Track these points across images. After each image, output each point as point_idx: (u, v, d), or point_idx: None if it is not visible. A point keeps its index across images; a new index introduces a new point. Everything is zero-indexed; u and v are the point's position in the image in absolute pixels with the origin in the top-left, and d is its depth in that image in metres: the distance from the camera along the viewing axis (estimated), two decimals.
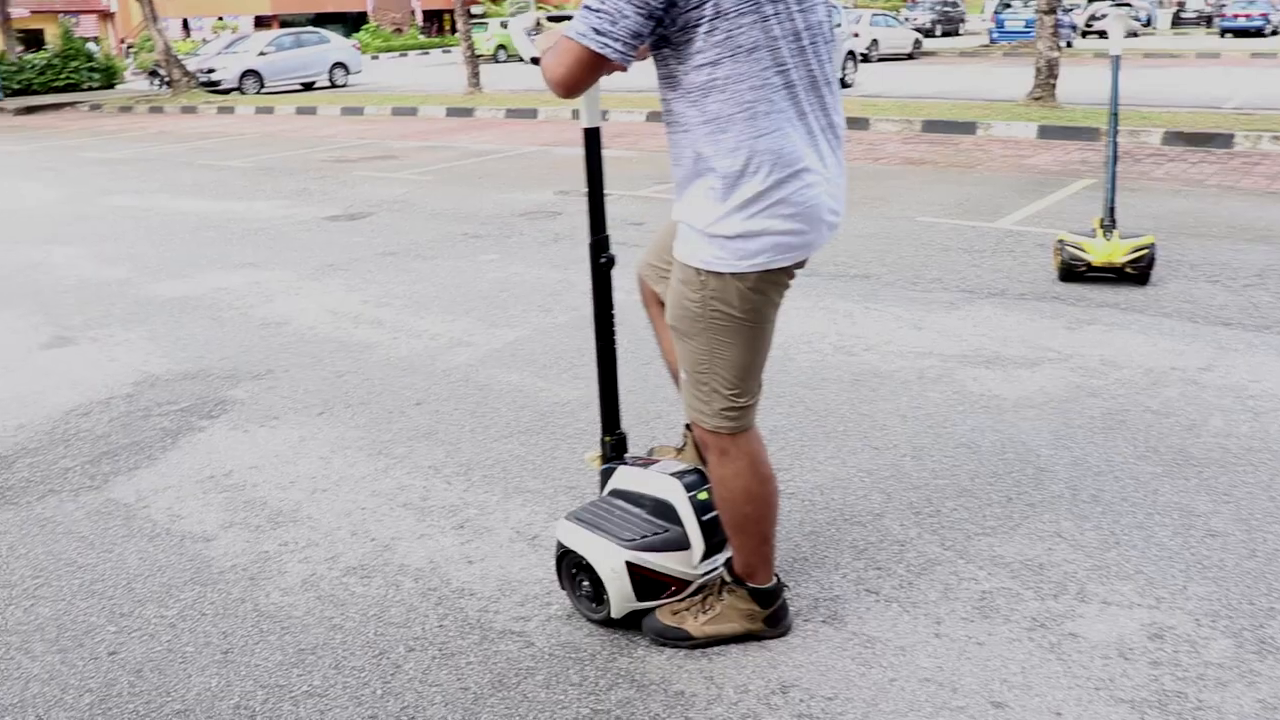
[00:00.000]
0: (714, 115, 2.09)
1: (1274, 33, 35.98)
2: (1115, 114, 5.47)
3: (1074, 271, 5.39)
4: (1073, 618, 2.47)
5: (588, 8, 2.01)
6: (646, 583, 2.43)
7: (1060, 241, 5.48)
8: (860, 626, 2.47)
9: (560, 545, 2.54)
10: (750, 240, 2.14)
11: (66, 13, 44.44)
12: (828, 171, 2.18)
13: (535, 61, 2.26)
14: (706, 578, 2.50)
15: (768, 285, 2.22)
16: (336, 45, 27.59)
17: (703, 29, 2.03)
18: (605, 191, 2.56)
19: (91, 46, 31.77)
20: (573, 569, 2.53)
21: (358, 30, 45.13)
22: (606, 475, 2.67)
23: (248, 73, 24.97)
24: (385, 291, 5.70)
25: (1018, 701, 2.18)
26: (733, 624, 2.44)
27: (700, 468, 2.57)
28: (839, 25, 19.26)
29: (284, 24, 44.10)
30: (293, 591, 2.70)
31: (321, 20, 45.43)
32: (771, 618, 2.45)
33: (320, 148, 13.12)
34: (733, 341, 2.26)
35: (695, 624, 2.44)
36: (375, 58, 41.44)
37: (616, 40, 1.99)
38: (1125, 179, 8.16)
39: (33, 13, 40.92)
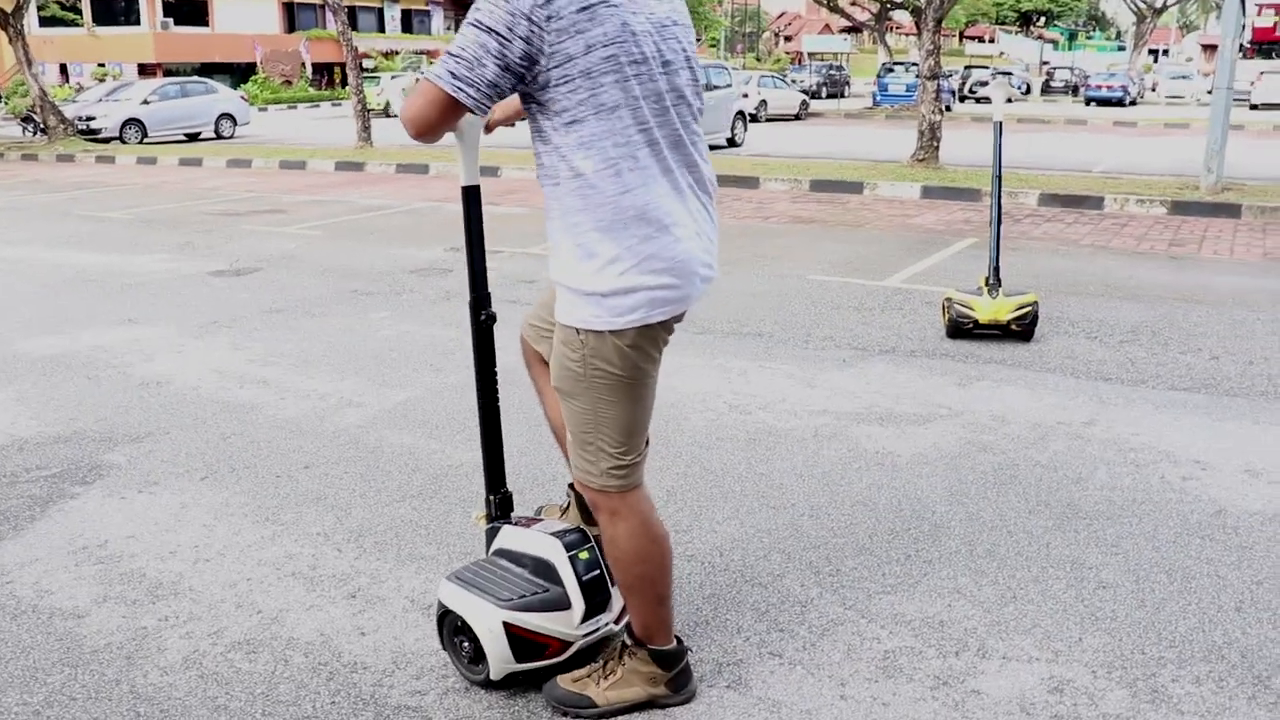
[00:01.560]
0: (580, 171, 2.14)
1: (1133, 103, 38.13)
2: (999, 177, 5.67)
3: (961, 329, 5.53)
4: (975, 674, 2.49)
5: (449, 53, 2.06)
6: (525, 643, 2.38)
7: (948, 299, 5.62)
8: (765, 691, 2.44)
9: (441, 605, 2.49)
10: (625, 297, 2.17)
11: None
12: (698, 226, 2.24)
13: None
14: (587, 639, 2.46)
15: (646, 341, 2.25)
16: (224, 96, 27.10)
17: (565, 88, 2.08)
18: (494, 249, 2.53)
19: None
20: (453, 630, 2.48)
21: (246, 81, 44.35)
22: (491, 535, 2.63)
23: (130, 121, 24.32)
24: (272, 350, 5.54)
25: None
26: (635, 688, 2.40)
27: (583, 527, 2.57)
28: (728, 85, 19.67)
29: (169, 73, 43.14)
30: (173, 670, 2.55)
31: (208, 70, 44.52)
32: (674, 681, 2.41)
33: (206, 200, 12.79)
34: (616, 400, 2.27)
35: (598, 690, 2.39)
36: (264, 109, 40.76)
37: (472, 87, 2.03)
38: (1006, 238, 8.45)
39: None
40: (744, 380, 4.86)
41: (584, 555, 2.46)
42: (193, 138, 25.40)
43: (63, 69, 46.72)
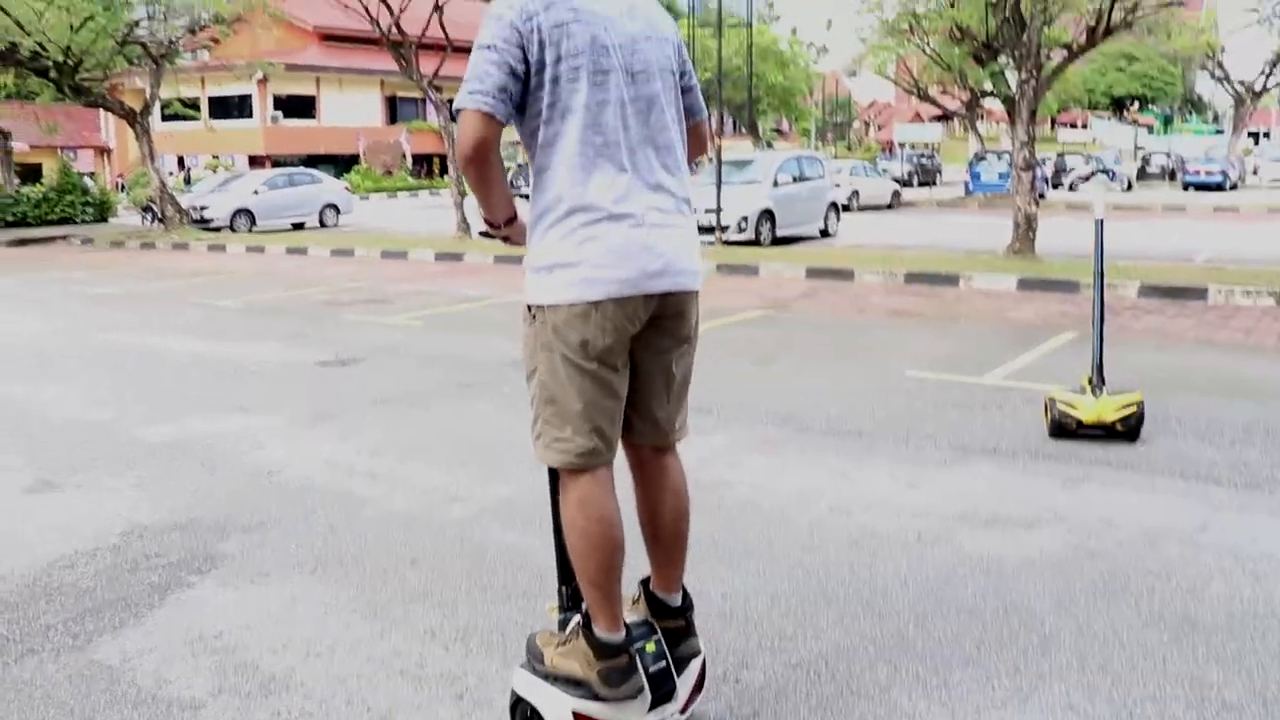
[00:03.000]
0: (542, 166, 2.49)
1: (1233, 187, 37.28)
2: (1101, 275, 5.62)
3: (1065, 429, 5.44)
4: None
5: (464, 81, 2.42)
6: None
7: (1050, 399, 5.54)
8: None
9: (514, 694, 2.61)
10: (566, 270, 2.44)
11: (66, 148, 45.32)
12: (652, 221, 2.48)
13: (483, 234, 2.83)
14: None
15: (587, 325, 2.45)
16: (328, 186, 28.16)
17: (538, 92, 2.44)
18: None
19: (87, 181, 32.26)
20: (524, 718, 2.58)
21: (349, 171, 46.04)
22: (563, 625, 2.71)
23: (240, 211, 25.40)
24: (379, 441, 5.68)
25: None
26: (574, 663, 2.55)
27: (651, 620, 2.67)
28: (821, 177, 19.81)
29: (277, 164, 44.97)
30: None
31: (314, 161, 46.29)
32: (608, 673, 2.48)
33: (312, 289, 13.24)
34: (561, 379, 2.51)
35: (551, 651, 2.62)
36: (365, 198, 42.22)
37: (486, 94, 2.38)
38: (1109, 330, 8.31)
39: (32, 147, 41.63)
40: (845, 480, 4.84)
41: (650, 648, 2.56)
42: (299, 227, 26.37)
43: (180, 161, 49.09)
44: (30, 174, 41.27)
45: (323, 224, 26.85)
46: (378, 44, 20.75)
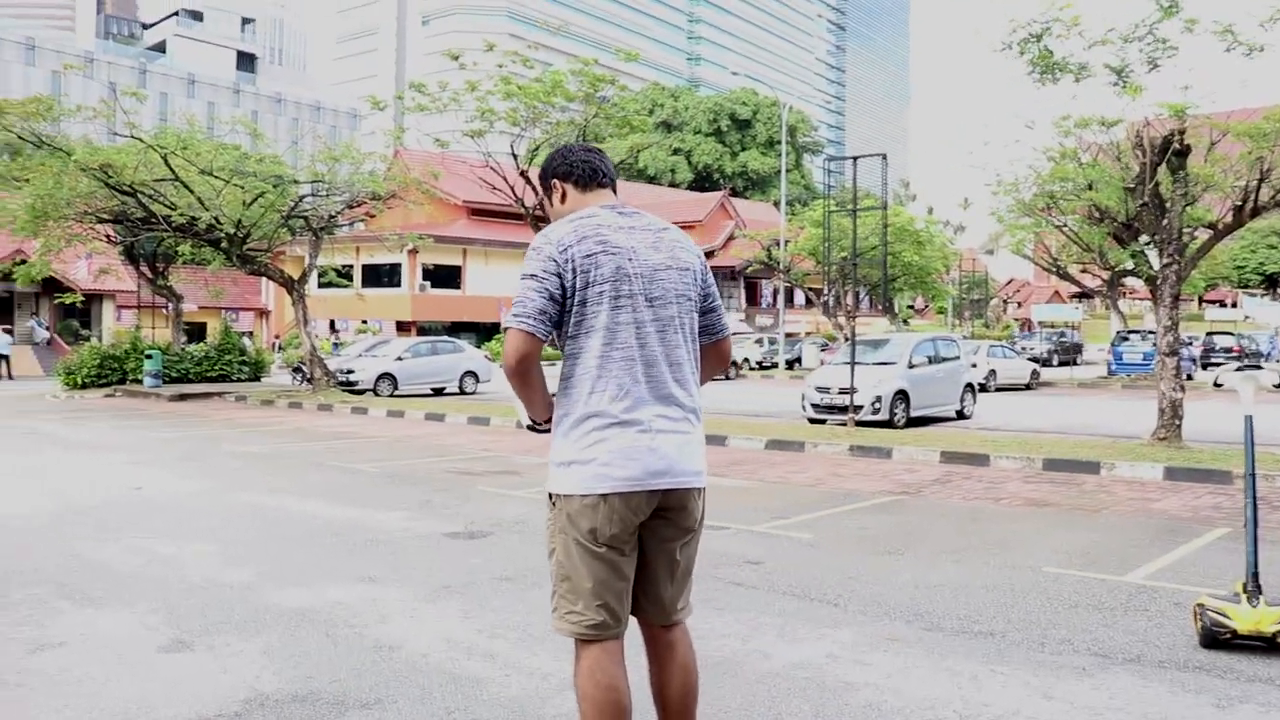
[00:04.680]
0: (566, 374, 2.94)
1: None
2: (1253, 475, 5.35)
3: (1218, 639, 5.09)
4: None
5: (512, 304, 2.90)
6: None
7: (1200, 605, 5.21)
8: None
9: None
10: (580, 467, 2.86)
11: (229, 309, 48.32)
12: (658, 428, 2.88)
13: (530, 428, 3.16)
14: None
15: (595, 515, 2.85)
16: (469, 354, 29.10)
17: (572, 313, 2.90)
18: (719, 524, 2.74)
19: (245, 341, 34.13)
20: None
21: (490, 339, 47.68)
22: None
23: (384, 375, 26.38)
24: (501, 621, 5.67)
25: None
26: None
27: None
28: (957, 358, 19.58)
29: (422, 330, 46.96)
30: None
31: (458, 328, 48.22)
32: None
33: (446, 457, 13.55)
34: (574, 560, 2.91)
35: None
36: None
37: (528, 317, 2.84)
38: (1264, 527, 7.85)
39: (200, 308, 44.58)
40: (974, 687, 4.59)
41: None
42: (439, 392, 27.21)
43: (331, 324, 51.70)
44: (197, 333, 44.13)
45: (463, 390, 27.61)
46: (521, 218, 21.74)
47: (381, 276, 49.31)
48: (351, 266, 48.62)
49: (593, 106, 18.67)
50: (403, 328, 48.09)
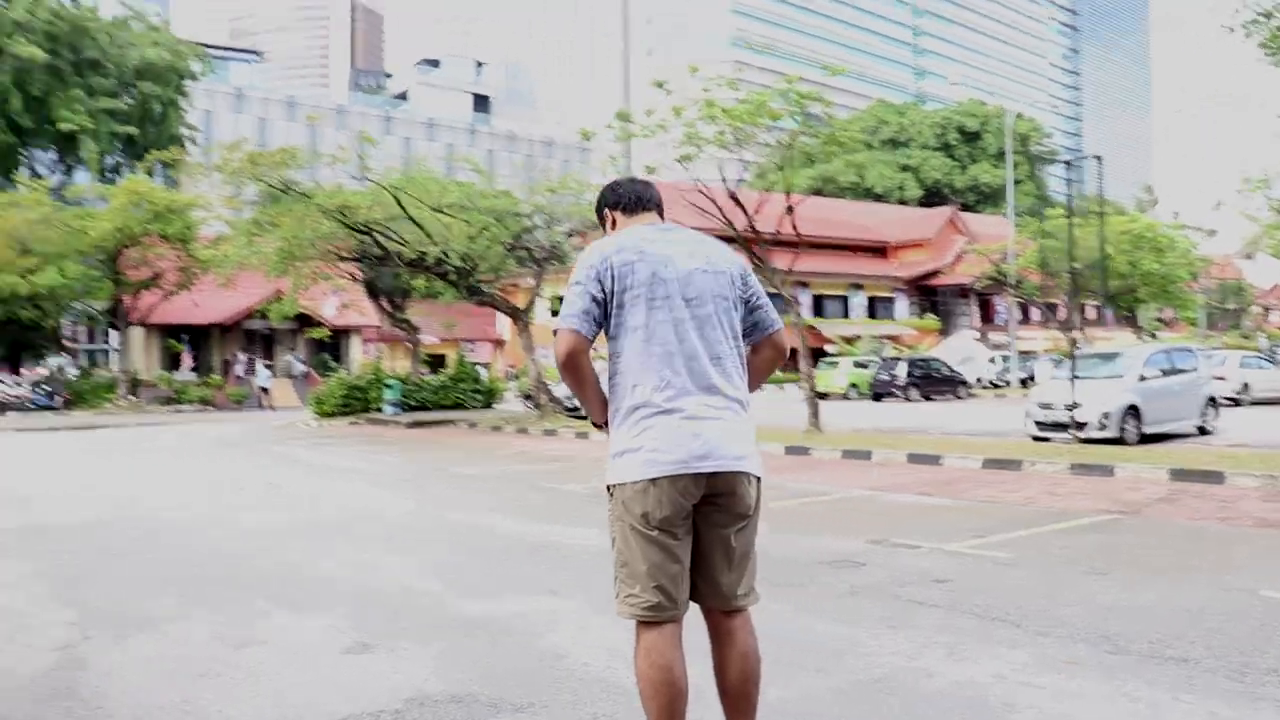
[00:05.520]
0: (613, 372, 3.23)
1: None
2: None
3: None
4: None
5: (562, 306, 3.20)
6: None
7: None
8: None
9: None
10: (629, 456, 3.12)
11: (467, 340, 50.83)
12: (701, 415, 3.10)
13: (596, 426, 3.41)
14: None
15: (647, 499, 3.09)
16: None
17: (612, 316, 3.19)
18: (912, 543, 2.71)
19: (480, 370, 35.75)
20: None
21: None
22: None
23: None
24: (685, 643, 5.68)
25: None
26: None
27: None
28: (1194, 369, 18.19)
29: None
30: None
31: None
32: None
33: None
34: (630, 544, 3.14)
35: None
36: (781, 387, 43.87)
37: (573, 317, 3.15)
38: None
39: (441, 340, 47.13)
40: (1151, 713, 4.24)
41: None
42: None
43: None
44: (438, 363, 46.59)
45: None
46: (733, 242, 21.83)
47: None
48: None
49: (801, 125, 18.57)
50: None
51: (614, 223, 3.50)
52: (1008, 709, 4.31)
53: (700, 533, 3.22)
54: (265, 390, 39.18)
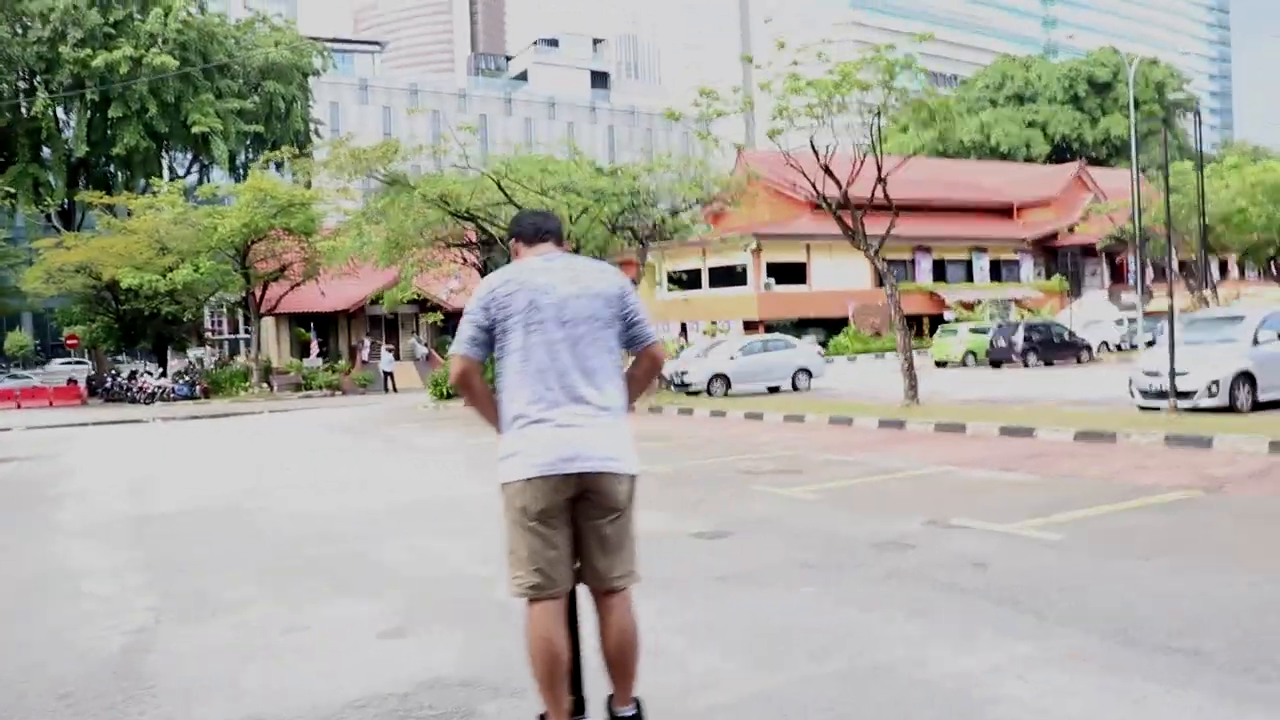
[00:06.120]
0: (499, 389, 3.74)
1: None
2: None
3: None
4: None
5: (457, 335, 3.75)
6: None
7: None
8: None
9: None
10: (511, 459, 3.64)
11: None
12: (570, 423, 3.59)
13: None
14: None
15: (525, 495, 3.61)
16: (801, 351, 29.18)
17: (498, 339, 3.68)
18: (963, 523, 2.89)
19: None
20: None
21: (837, 333, 47.50)
22: None
23: (717, 376, 27.02)
24: (693, 619, 5.87)
25: None
26: None
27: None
28: None
29: (769, 328, 47.48)
30: None
31: (804, 324, 48.36)
32: None
33: (744, 456, 13.78)
34: (514, 533, 3.70)
35: None
36: (853, 359, 43.35)
37: (463, 344, 3.71)
38: None
39: None
40: (1134, 711, 4.18)
41: None
42: (773, 390, 27.52)
43: (682, 327, 53.54)
44: None
45: (795, 388, 27.69)
46: (818, 210, 21.64)
47: (727, 277, 50.47)
48: (699, 270, 50.20)
49: (891, 93, 18.28)
50: (750, 327, 48.93)
51: (517, 251, 3.95)
52: (989, 702, 4.33)
53: (578, 524, 3.70)
54: (389, 374, 40.49)
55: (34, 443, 22.62)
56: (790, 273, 50.29)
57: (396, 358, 42.82)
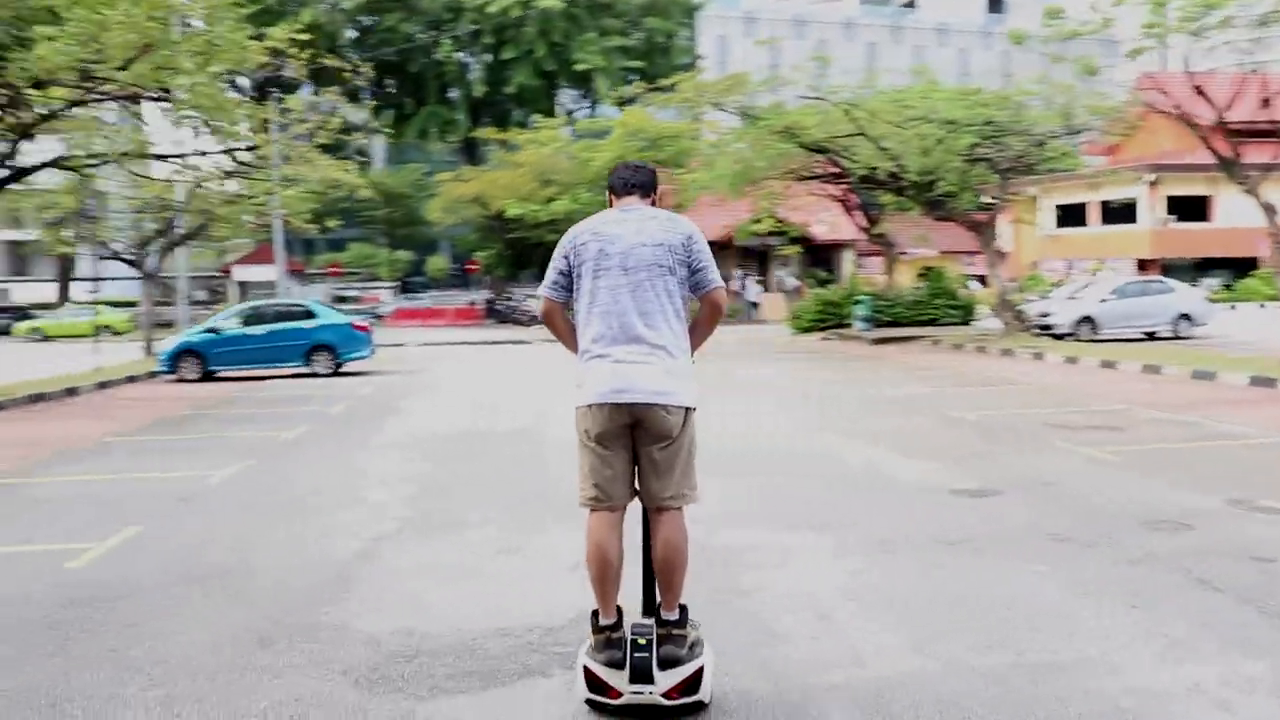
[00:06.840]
0: (575, 324, 4.21)
1: None
2: None
3: None
4: None
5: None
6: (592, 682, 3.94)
7: None
8: None
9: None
10: (579, 388, 4.04)
11: (967, 254, 49.05)
12: (625, 359, 3.95)
13: None
14: (635, 697, 3.87)
15: (587, 419, 4.01)
16: (1182, 295, 26.33)
17: (574, 283, 4.14)
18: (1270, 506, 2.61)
19: (975, 285, 34.24)
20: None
21: (1246, 275, 42.35)
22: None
23: (1083, 319, 24.97)
24: (864, 582, 5.55)
25: None
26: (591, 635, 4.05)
27: (651, 624, 3.99)
28: None
29: (1165, 268, 43.09)
30: None
31: (1206, 264, 43.61)
32: (596, 642, 3.98)
33: (1067, 408, 12.67)
34: (579, 452, 4.10)
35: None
36: (1263, 306, 38.41)
37: (547, 287, 4.22)
38: None
39: (941, 253, 45.56)
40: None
41: (640, 641, 3.89)
42: (1151, 336, 25.07)
43: (1069, 265, 49.87)
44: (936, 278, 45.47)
45: (1176, 335, 25.07)
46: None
47: (1119, 213, 46.27)
48: (1085, 204, 46.43)
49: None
50: (1143, 266, 44.66)
51: (610, 201, 4.32)
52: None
53: (636, 449, 4.05)
54: (755, 305, 40.96)
55: (418, 358, 25.14)
56: (1191, 208, 45.17)
57: (766, 289, 43.26)
